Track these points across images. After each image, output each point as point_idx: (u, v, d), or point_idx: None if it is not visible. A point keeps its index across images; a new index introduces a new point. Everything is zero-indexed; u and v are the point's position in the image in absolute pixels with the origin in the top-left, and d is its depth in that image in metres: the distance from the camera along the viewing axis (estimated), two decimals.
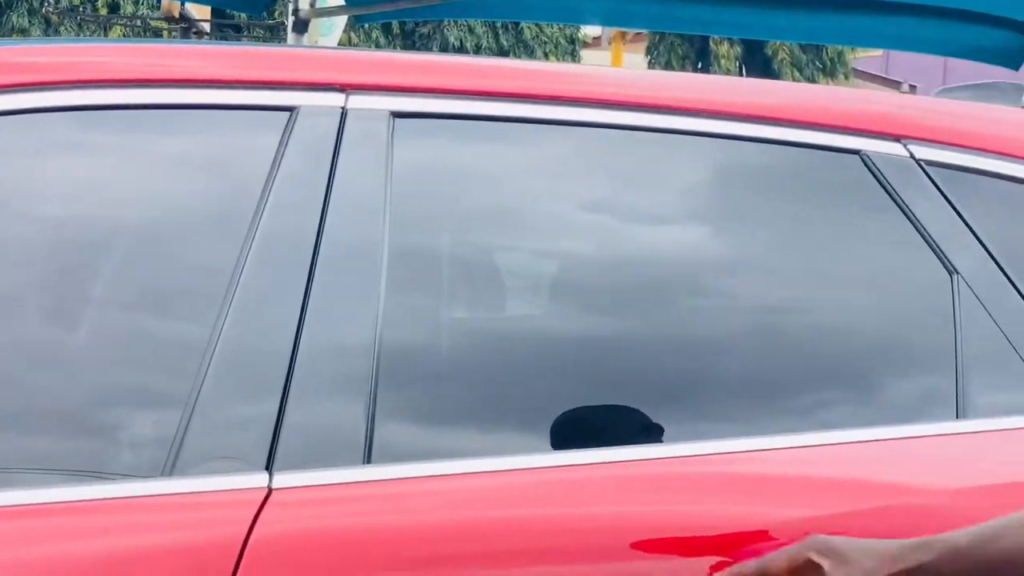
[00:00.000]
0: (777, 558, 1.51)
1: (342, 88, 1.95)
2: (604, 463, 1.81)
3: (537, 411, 1.93)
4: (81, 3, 19.51)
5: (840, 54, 18.21)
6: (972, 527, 1.49)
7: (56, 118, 1.92)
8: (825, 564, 1.46)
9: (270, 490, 1.60)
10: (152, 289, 1.93)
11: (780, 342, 2.07)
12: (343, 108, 1.93)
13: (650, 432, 1.93)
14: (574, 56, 21.57)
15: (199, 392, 1.69)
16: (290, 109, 1.90)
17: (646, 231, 2.10)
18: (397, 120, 1.93)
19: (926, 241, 1.99)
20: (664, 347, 2.03)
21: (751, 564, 1.53)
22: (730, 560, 1.69)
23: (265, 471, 1.62)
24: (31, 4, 20.29)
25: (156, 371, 1.86)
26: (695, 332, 2.07)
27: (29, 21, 20.50)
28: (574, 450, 1.91)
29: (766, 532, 1.73)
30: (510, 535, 1.73)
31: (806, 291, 2.11)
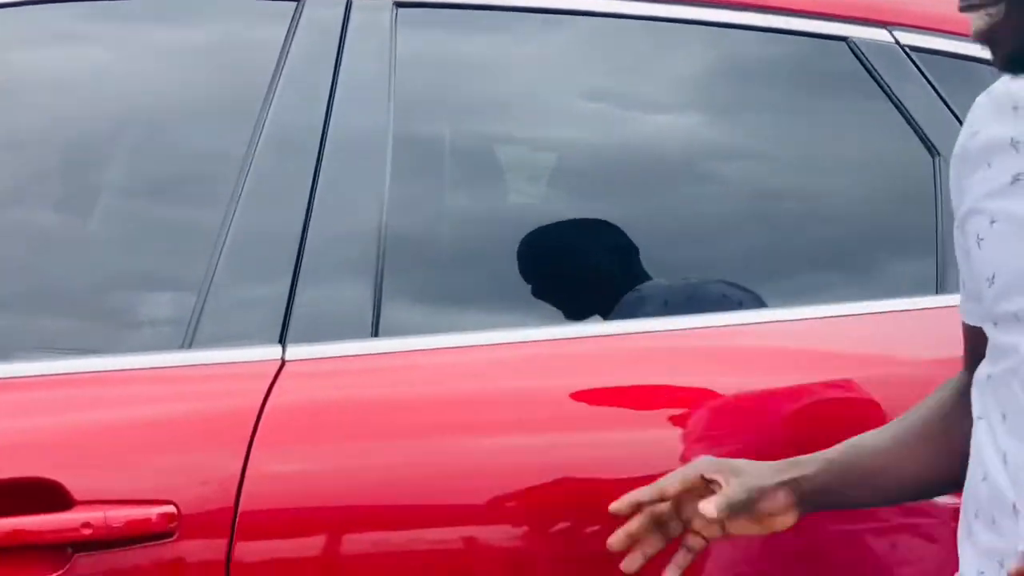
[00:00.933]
0: (671, 479, 1.54)
1: None
2: (597, 336, 1.90)
3: (532, 290, 1.99)
4: None
5: None
6: (846, 441, 1.58)
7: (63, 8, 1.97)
8: (719, 478, 1.52)
9: (283, 362, 1.67)
10: (166, 176, 1.97)
11: (770, 224, 2.11)
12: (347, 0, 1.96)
13: (645, 307, 1.99)
14: None
15: (214, 273, 1.75)
16: (296, 2, 1.92)
17: (642, 119, 2.13)
18: (400, 10, 1.94)
19: (910, 124, 2.03)
20: (657, 230, 2.07)
21: (646, 489, 1.53)
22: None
23: (279, 344, 1.69)
24: None
25: (172, 255, 1.92)
26: (687, 215, 2.11)
27: None
28: (568, 324, 2.00)
29: (759, 397, 1.84)
30: (507, 404, 1.81)
31: (796, 174, 2.15)
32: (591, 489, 1.75)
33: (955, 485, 1.51)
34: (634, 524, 1.48)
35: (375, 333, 1.76)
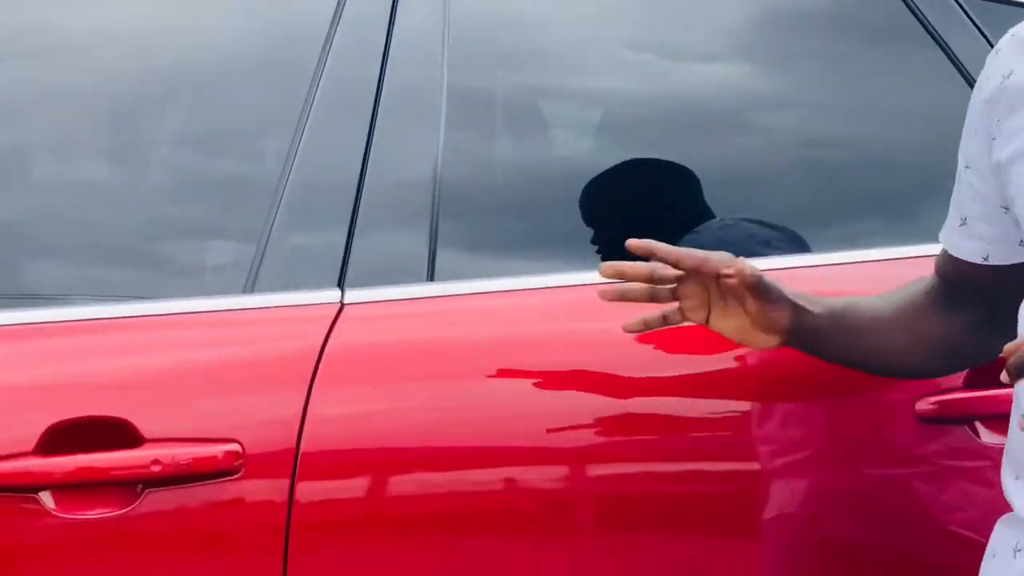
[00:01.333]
0: (693, 254, 1.57)
1: None
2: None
3: (578, 236, 2.02)
4: None
5: None
6: (846, 299, 1.72)
7: None
8: (734, 274, 1.53)
9: (342, 305, 1.73)
10: (227, 130, 2.02)
11: (825, 170, 2.16)
12: None
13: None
14: None
15: (274, 221, 1.80)
16: None
17: (688, 68, 2.17)
18: None
19: (959, 71, 2.04)
20: (705, 177, 2.09)
21: (667, 247, 1.54)
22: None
23: (338, 288, 1.74)
24: None
25: (233, 205, 1.96)
26: (736, 163, 2.14)
27: None
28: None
29: None
30: (558, 347, 1.85)
31: (847, 122, 2.19)
32: (634, 429, 1.83)
33: (921, 374, 1.75)
34: (637, 285, 1.56)
35: (431, 278, 1.80)
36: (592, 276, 1.85)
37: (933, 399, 1.86)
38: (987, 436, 1.87)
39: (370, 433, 1.73)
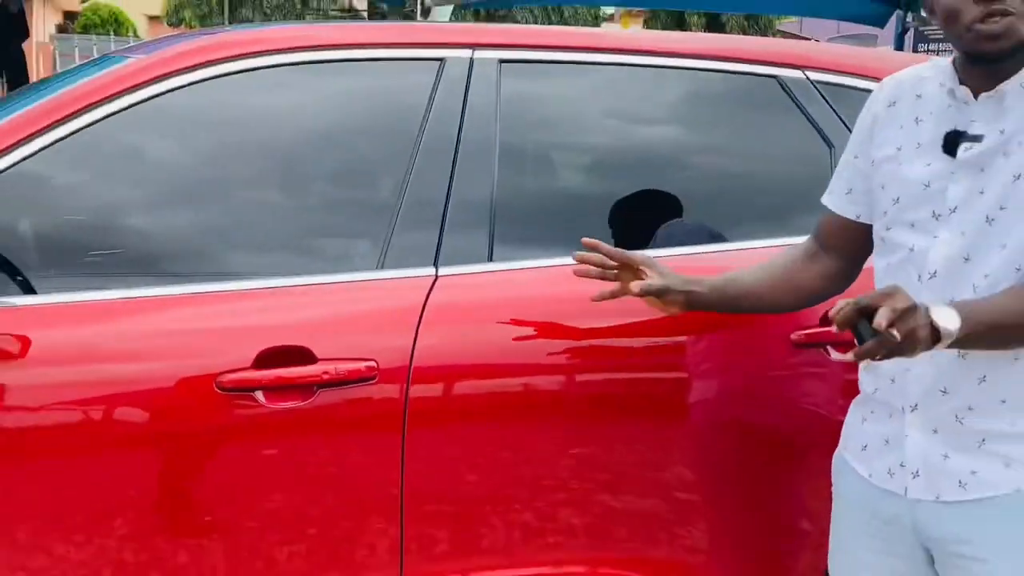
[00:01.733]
0: (619, 253, 1.76)
1: (470, 46, 2.18)
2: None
3: (575, 235, 1.93)
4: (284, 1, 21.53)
5: (770, 21, 20.20)
6: (727, 274, 1.88)
7: (292, 70, 2.13)
8: (648, 272, 1.77)
9: (436, 277, 1.97)
10: (366, 170, 2.24)
11: (727, 191, 2.35)
12: (471, 57, 2.16)
13: (658, 240, 2.22)
14: (597, 26, 25.13)
15: (395, 225, 2.03)
16: (440, 60, 2.15)
17: (642, 130, 2.36)
18: (503, 64, 2.18)
19: (815, 129, 2.26)
20: (656, 195, 2.30)
21: (608, 247, 1.75)
22: None
23: (433, 266, 1.99)
24: (254, 3, 23.81)
25: (372, 217, 2.12)
26: (675, 188, 2.32)
27: (252, 14, 24.61)
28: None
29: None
30: (555, 301, 2.06)
31: (744, 163, 2.37)
32: (597, 353, 2.06)
33: (787, 311, 1.92)
34: (592, 268, 1.76)
35: (490, 259, 2.05)
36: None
37: (801, 332, 2.06)
38: (834, 353, 2.06)
39: (451, 354, 1.96)
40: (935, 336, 1.31)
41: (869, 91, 2.19)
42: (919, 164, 1.56)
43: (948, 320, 1.31)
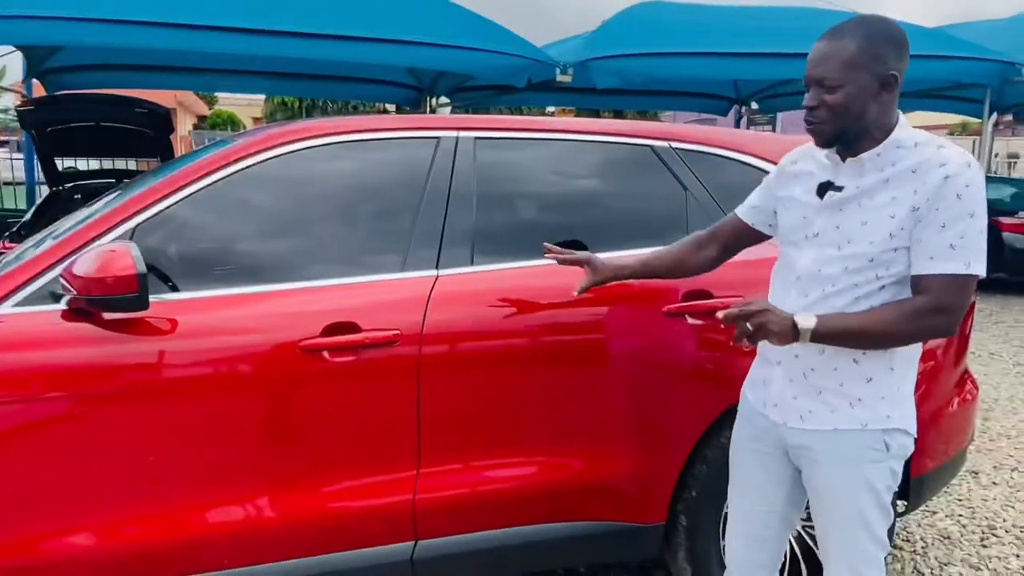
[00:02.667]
0: (566, 254, 1.79)
1: (456, 129, 2.15)
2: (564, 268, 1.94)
3: (532, 246, 2.00)
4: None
5: (655, 113, 18.24)
6: (649, 253, 1.85)
7: (342, 146, 2.06)
8: (587, 267, 1.79)
9: (437, 276, 1.96)
10: (385, 212, 2.12)
11: (621, 216, 2.26)
12: (457, 136, 2.13)
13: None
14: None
15: (409, 245, 1.99)
16: (437, 138, 2.12)
17: (569, 182, 2.29)
18: (478, 140, 2.14)
19: (676, 179, 2.23)
20: (573, 227, 2.22)
21: (559, 251, 1.81)
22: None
23: (435, 269, 1.97)
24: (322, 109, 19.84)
25: (395, 241, 2.01)
26: (584, 224, 2.24)
27: (320, 116, 22.52)
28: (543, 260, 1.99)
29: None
30: (521, 289, 2.02)
31: (628, 202, 2.28)
32: (559, 311, 2.02)
33: (678, 278, 1.90)
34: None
35: (471, 264, 2.01)
36: (543, 262, 1.99)
37: (670, 306, 2.04)
38: (691, 320, 2.03)
39: (449, 324, 1.92)
40: (796, 331, 1.34)
41: (709, 154, 2.29)
42: (802, 203, 1.54)
43: (805, 321, 1.34)
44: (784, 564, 2.02)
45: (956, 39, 7.07)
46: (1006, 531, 2.92)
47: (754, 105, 10.83)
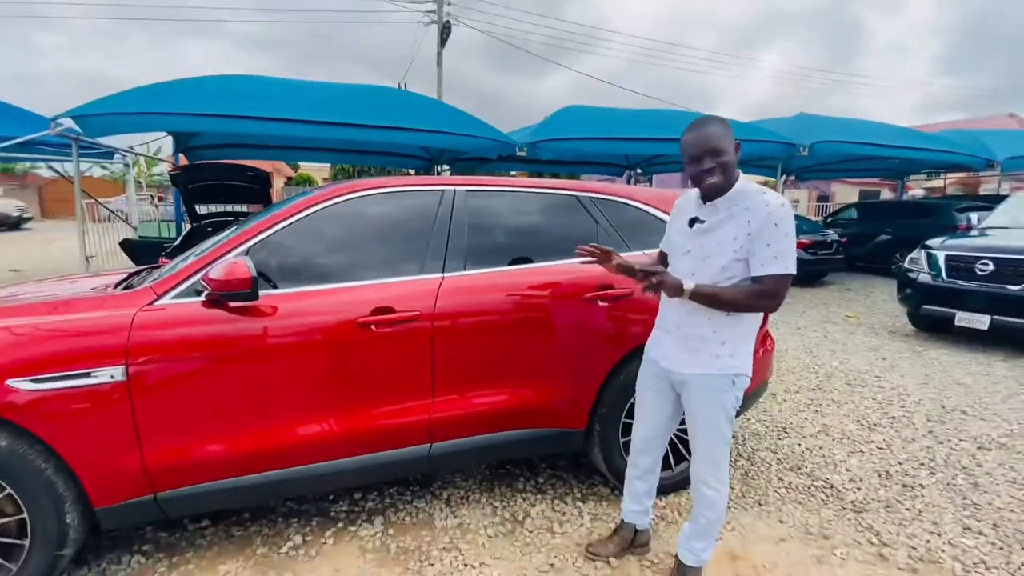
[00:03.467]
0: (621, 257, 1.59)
1: (454, 185, 2.08)
2: (522, 270, 2.04)
3: (500, 258, 2.04)
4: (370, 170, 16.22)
5: (579, 176, 17.82)
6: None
7: (381, 196, 2.00)
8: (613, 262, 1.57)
9: (443, 278, 1.94)
10: (410, 234, 2.00)
11: (556, 241, 2.12)
12: (455, 190, 2.06)
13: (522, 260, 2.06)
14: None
15: (426, 257, 1.95)
16: (442, 191, 2.06)
17: (522, 217, 2.17)
18: (468, 192, 2.09)
19: (591, 216, 2.21)
20: (527, 242, 2.12)
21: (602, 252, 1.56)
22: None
23: (442, 272, 1.95)
24: (370, 174, 17.22)
25: (415, 254, 1.95)
26: (528, 248, 2.11)
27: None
28: (523, 264, 2.06)
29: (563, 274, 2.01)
30: (503, 285, 1.98)
31: (556, 230, 2.14)
32: (521, 297, 1.96)
33: None
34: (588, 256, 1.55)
35: (464, 269, 1.97)
36: (507, 268, 1.99)
37: (589, 294, 2.02)
38: (601, 303, 2.02)
39: (452, 306, 1.88)
40: (682, 290, 1.36)
41: (611, 200, 2.21)
42: (681, 231, 1.52)
43: (688, 284, 1.38)
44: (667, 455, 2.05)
45: (761, 128, 7.43)
46: (793, 430, 3.00)
47: (638, 170, 11.23)
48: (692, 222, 1.50)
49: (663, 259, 1.72)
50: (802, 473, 2.46)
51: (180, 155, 7.48)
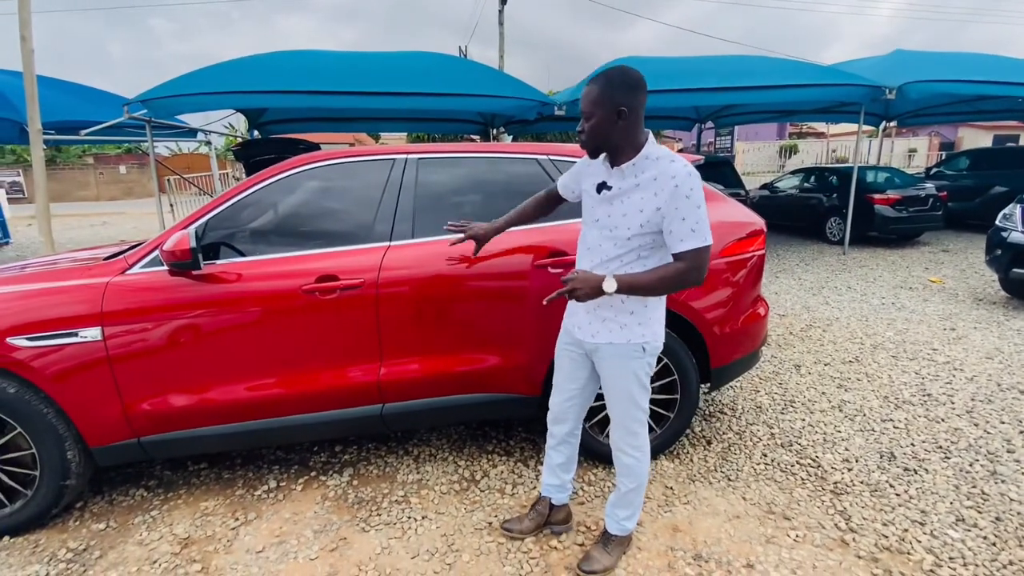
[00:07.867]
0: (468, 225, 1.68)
1: (406, 153, 2.08)
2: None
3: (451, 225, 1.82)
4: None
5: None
6: (507, 217, 1.71)
7: (345, 166, 2.02)
8: (473, 238, 1.69)
9: (389, 246, 1.94)
10: (366, 198, 1.99)
11: (513, 197, 2.03)
12: (406, 159, 2.07)
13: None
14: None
15: (373, 224, 1.96)
16: (392, 160, 2.06)
17: (477, 184, 2.13)
18: (421, 160, 2.08)
19: (547, 174, 2.11)
20: (480, 210, 2.06)
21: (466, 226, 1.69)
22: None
23: (388, 242, 1.95)
24: (437, 139, 14.84)
25: (364, 221, 1.95)
26: (476, 215, 2.04)
27: None
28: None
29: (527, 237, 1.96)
30: (445, 252, 1.93)
31: (513, 199, 2.01)
32: (472, 264, 1.92)
33: (530, 223, 1.77)
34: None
35: (412, 237, 1.97)
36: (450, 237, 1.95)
37: (540, 260, 1.98)
38: (553, 270, 1.97)
39: (395, 274, 1.89)
40: (602, 292, 1.32)
41: (566, 160, 2.13)
42: (590, 195, 1.48)
43: (608, 286, 1.33)
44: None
45: (838, 71, 6.52)
46: (802, 404, 2.79)
47: (709, 123, 10.38)
48: (600, 188, 1.44)
49: (551, 199, 1.67)
50: (792, 450, 2.32)
51: (255, 131, 8.06)
